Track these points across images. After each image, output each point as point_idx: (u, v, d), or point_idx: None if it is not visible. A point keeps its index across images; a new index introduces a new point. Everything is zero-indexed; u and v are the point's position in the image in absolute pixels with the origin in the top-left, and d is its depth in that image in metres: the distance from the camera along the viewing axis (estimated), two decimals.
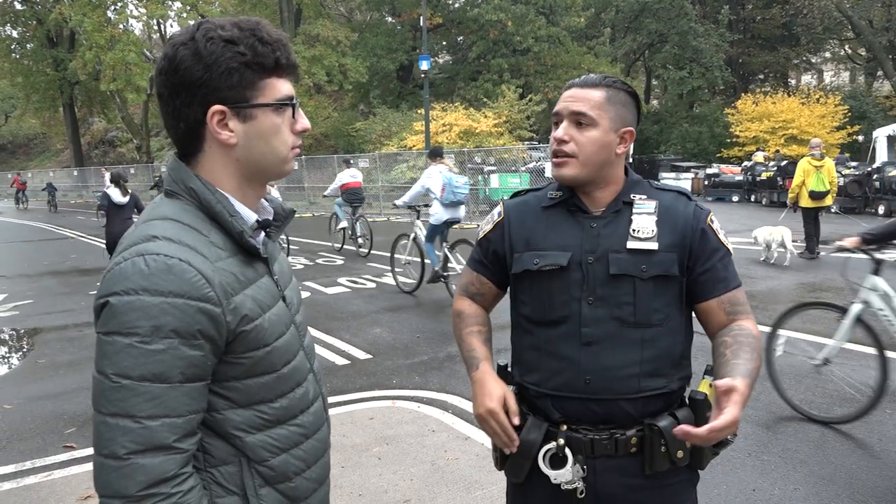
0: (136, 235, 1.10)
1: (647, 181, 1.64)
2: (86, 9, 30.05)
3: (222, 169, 1.17)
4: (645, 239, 1.52)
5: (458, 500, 3.37)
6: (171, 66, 1.12)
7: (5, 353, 6.89)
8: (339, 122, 35.18)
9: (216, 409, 1.13)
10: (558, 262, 1.54)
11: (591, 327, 1.51)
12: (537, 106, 26.82)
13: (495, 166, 20.91)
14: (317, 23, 29.48)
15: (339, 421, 4.45)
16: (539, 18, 31.53)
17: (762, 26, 35.17)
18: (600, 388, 1.51)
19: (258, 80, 1.13)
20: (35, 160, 54.06)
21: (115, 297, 1.03)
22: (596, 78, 1.55)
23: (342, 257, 12.19)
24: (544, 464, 1.52)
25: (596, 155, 1.53)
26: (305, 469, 1.25)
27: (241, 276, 1.14)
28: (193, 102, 1.12)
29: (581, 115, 1.52)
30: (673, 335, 1.55)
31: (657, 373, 1.53)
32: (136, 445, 1.01)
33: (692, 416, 1.52)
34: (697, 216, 1.56)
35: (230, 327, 1.09)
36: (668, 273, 1.51)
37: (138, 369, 1.01)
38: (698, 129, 31.26)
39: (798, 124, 25.27)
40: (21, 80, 40.21)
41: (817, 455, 3.77)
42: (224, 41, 1.11)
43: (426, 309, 7.78)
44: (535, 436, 1.55)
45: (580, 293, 1.52)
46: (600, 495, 1.53)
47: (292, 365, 1.23)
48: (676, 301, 1.55)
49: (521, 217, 1.65)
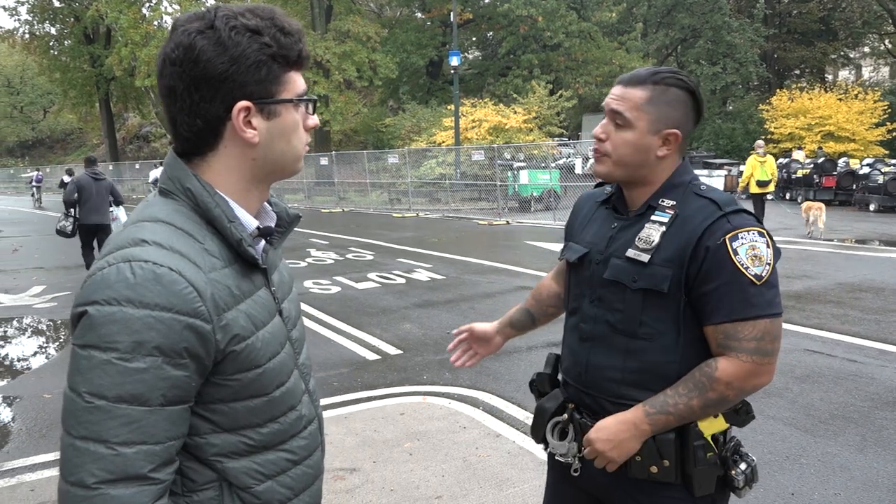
0: (124, 238, 1.00)
1: (691, 184, 1.51)
2: (122, 6, 30.57)
3: (233, 169, 1.08)
4: (642, 250, 1.48)
5: (490, 497, 3.35)
6: (188, 57, 1.01)
7: (44, 343, 7.04)
8: (368, 118, 35.31)
9: (198, 433, 1.03)
10: (572, 256, 1.63)
11: (589, 325, 1.58)
12: (567, 102, 26.59)
13: (525, 162, 20.80)
14: (347, 19, 29.56)
15: (370, 416, 4.46)
16: (570, 13, 31.25)
17: (798, 20, 34.42)
18: (589, 382, 1.57)
19: (282, 74, 1.06)
20: (72, 154, 55.14)
21: (95, 306, 0.93)
22: (644, 74, 1.50)
23: (372, 253, 12.24)
24: (549, 432, 1.61)
25: (630, 157, 1.50)
26: (293, 497, 1.15)
27: (236, 289, 1.04)
28: (216, 98, 1.02)
29: (617, 115, 1.50)
30: (664, 353, 1.46)
31: (641, 385, 1.49)
32: (108, 474, 0.90)
33: (672, 438, 1.44)
34: (711, 233, 1.40)
35: (219, 346, 0.99)
36: (657, 288, 1.44)
37: (115, 389, 0.91)
38: (732, 125, 30.71)
39: (835, 121, 24.66)
40: (59, 77, 41.12)
41: (859, 460, 3.68)
42: (249, 31, 1.02)
43: (456, 305, 7.77)
44: (550, 405, 1.64)
45: (586, 290, 1.59)
46: (592, 477, 1.57)
47: (286, 387, 1.12)
48: (672, 319, 1.45)
49: (581, 208, 1.74)
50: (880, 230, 13.58)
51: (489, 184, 21.04)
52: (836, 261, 9.98)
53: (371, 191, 25.19)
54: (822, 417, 4.24)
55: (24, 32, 41.33)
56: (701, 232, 1.41)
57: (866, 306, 7.05)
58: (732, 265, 1.37)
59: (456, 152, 22.30)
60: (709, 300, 1.40)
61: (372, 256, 11.85)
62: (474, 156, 21.58)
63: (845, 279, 8.56)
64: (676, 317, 1.44)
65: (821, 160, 19.94)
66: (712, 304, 1.40)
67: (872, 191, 17.50)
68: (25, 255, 13.55)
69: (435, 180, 22.90)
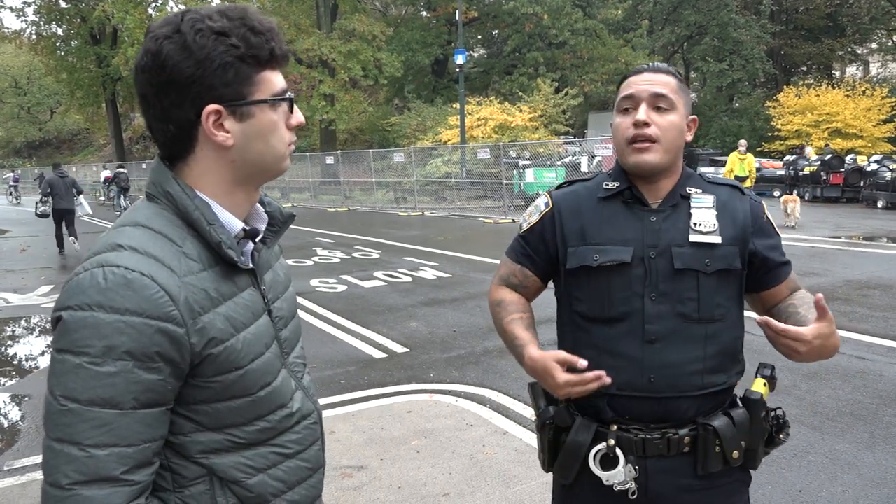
0: (104, 242, 1.01)
1: (699, 174, 1.60)
2: (128, 6, 30.63)
3: (213, 172, 1.07)
4: (708, 233, 1.49)
5: (497, 494, 3.36)
6: (155, 63, 1.00)
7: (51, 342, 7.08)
8: (374, 117, 35.32)
9: (182, 433, 1.04)
10: (621, 257, 1.48)
11: (655, 324, 1.47)
12: (573, 100, 26.53)
13: (530, 161, 20.77)
14: (353, 18, 29.55)
15: (378, 413, 4.47)
16: (575, 11, 31.16)
17: (805, 17, 34.23)
18: (664, 386, 1.47)
19: (254, 75, 1.04)
20: (79, 155, 55.43)
21: (69, 311, 0.94)
22: (664, 66, 1.54)
23: (378, 251, 12.25)
24: (595, 465, 1.48)
25: (676, 140, 1.51)
26: (286, 490, 1.15)
27: (215, 292, 1.03)
28: (184, 103, 1.02)
29: (662, 98, 1.48)
30: (733, 329, 1.54)
31: (719, 368, 1.51)
32: (80, 476, 0.92)
33: (748, 417, 1.50)
34: (755, 210, 1.57)
35: (195, 349, 0.99)
36: (731, 267, 1.51)
37: (87, 393, 0.92)
38: (738, 122, 30.59)
39: (843, 117, 24.52)
40: (66, 77, 41.30)
41: (867, 457, 3.67)
42: (215, 33, 1.00)
43: (463, 303, 7.78)
44: (585, 437, 1.51)
45: (642, 289, 1.48)
46: (652, 496, 1.49)
47: (272, 387, 1.11)
48: (736, 295, 1.55)
49: (574, 208, 1.58)
50: (888, 227, 13.51)
51: (495, 182, 21.03)
52: (844, 258, 9.94)
53: (377, 189, 25.20)
54: (830, 415, 4.23)
55: (31, 33, 41.57)
56: (749, 211, 1.55)
57: (874, 304, 7.02)
58: (775, 232, 1.60)
59: (461, 150, 22.29)
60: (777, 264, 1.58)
61: (378, 255, 11.87)
62: (480, 154, 21.55)
63: (853, 276, 8.52)
64: (739, 291, 1.55)
65: (828, 157, 19.84)
66: (780, 265, 1.58)
67: (880, 188, 17.41)
68: (33, 255, 13.61)
69: (440, 179, 22.89)
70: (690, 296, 1.47)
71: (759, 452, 1.52)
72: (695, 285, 1.47)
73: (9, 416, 4.88)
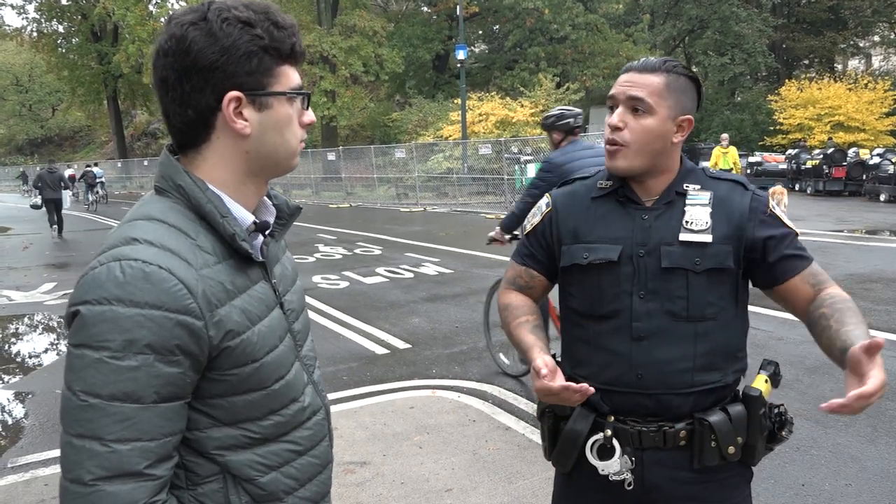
0: (117, 237, 1.01)
1: (701, 169, 1.58)
2: (128, 3, 30.64)
3: (227, 161, 1.08)
4: (698, 231, 1.47)
5: (500, 489, 3.36)
6: (180, 48, 1.02)
7: (55, 339, 7.09)
8: (375, 113, 35.29)
9: (198, 428, 1.04)
10: (608, 256, 1.50)
11: (643, 322, 1.48)
12: (574, 95, 26.49)
13: (532, 156, 20.73)
14: (353, 13, 29.50)
15: (380, 409, 4.48)
16: (576, 5, 31.10)
17: (807, 10, 34.13)
18: (652, 382, 1.48)
19: (275, 67, 1.06)
20: (80, 152, 55.43)
21: (86, 306, 0.93)
22: (656, 62, 1.49)
23: (380, 247, 12.25)
24: (591, 454, 1.51)
25: (650, 144, 1.47)
26: (298, 488, 1.15)
27: (230, 284, 1.04)
28: (206, 88, 1.03)
29: (638, 101, 1.46)
30: (727, 328, 1.51)
31: (711, 367, 1.49)
32: (104, 471, 0.91)
33: (745, 413, 1.49)
34: (756, 207, 1.51)
35: (213, 342, 0.99)
36: (723, 266, 1.47)
37: (108, 387, 0.92)
38: (740, 116, 30.55)
39: (845, 111, 24.47)
40: (67, 74, 41.25)
41: (870, 450, 3.67)
42: (241, 22, 1.02)
43: (465, 299, 7.77)
44: (582, 426, 1.53)
45: (631, 287, 1.49)
46: (648, 487, 1.50)
47: (285, 380, 1.12)
48: (730, 293, 1.51)
49: (569, 208, 1.60)
50: (891, 220, 13.49)
51: (496, 178, 21.01)
52: (847, 251, 9.93)
53: (378, 186, 25.20)
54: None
55: (32, 31, 41.49)
56: (747, 208, 1.50)
57: (877, 297, 7.02)
58: (785, 226, 1.53)
59: (463, 146, 22.27)
60: (787, 257, 1.50)
61: (380, 251, 11.87)
62: (481, 150, 21.53)
63: (856, 270, 8.51)
64: (734, 290, 1.51)
65: (830, 150, 19.80)
66: (792, 258, 1.51)
67: (883, 181, 17.38)
68: (36, 252, 13.64)
69: (442, 174, 22.88)
70: (679, 294, 1.46)
71: (757, 448, 1.51)
72: (684, 284, 1.46)
73: (12, 414, 4.89)
